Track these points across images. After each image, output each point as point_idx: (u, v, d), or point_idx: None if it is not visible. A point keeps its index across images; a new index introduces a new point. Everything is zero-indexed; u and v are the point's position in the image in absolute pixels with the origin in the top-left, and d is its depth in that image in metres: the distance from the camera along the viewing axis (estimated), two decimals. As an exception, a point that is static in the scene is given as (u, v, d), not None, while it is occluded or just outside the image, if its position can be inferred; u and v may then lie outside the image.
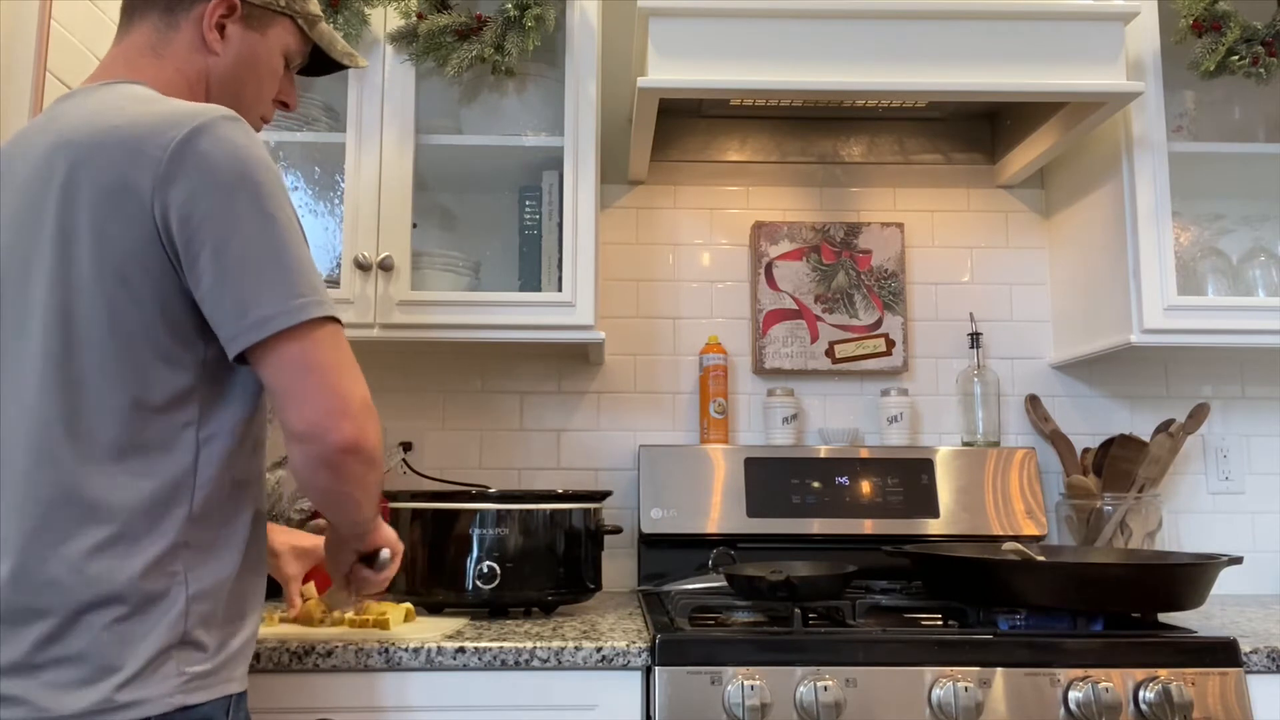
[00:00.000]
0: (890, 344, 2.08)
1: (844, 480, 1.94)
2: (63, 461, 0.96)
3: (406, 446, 2.01)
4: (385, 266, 1.72)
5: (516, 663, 1.32)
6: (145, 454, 0.98)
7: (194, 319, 1.00)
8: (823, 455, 1.96)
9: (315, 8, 1.24)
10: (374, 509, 1.13)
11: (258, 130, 1.19)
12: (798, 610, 1.38)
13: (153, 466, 0.98)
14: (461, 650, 1.31)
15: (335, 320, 1.03)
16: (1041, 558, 1.51)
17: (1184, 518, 2.08)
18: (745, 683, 1.28)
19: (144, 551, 0.96)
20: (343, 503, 1.07)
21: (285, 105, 1.25)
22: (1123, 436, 1.97)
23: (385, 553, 1.20)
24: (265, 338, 0.98)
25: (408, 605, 1.50)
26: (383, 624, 1.42)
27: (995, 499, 1.94)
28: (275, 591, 1.51)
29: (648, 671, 1.33)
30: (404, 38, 1.77)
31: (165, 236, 0.98)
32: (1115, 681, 1.30)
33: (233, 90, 1.17)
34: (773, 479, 1.93)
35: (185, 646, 0.97)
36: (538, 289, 1.87)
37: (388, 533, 1.21)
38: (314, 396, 0.99)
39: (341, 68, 1.33)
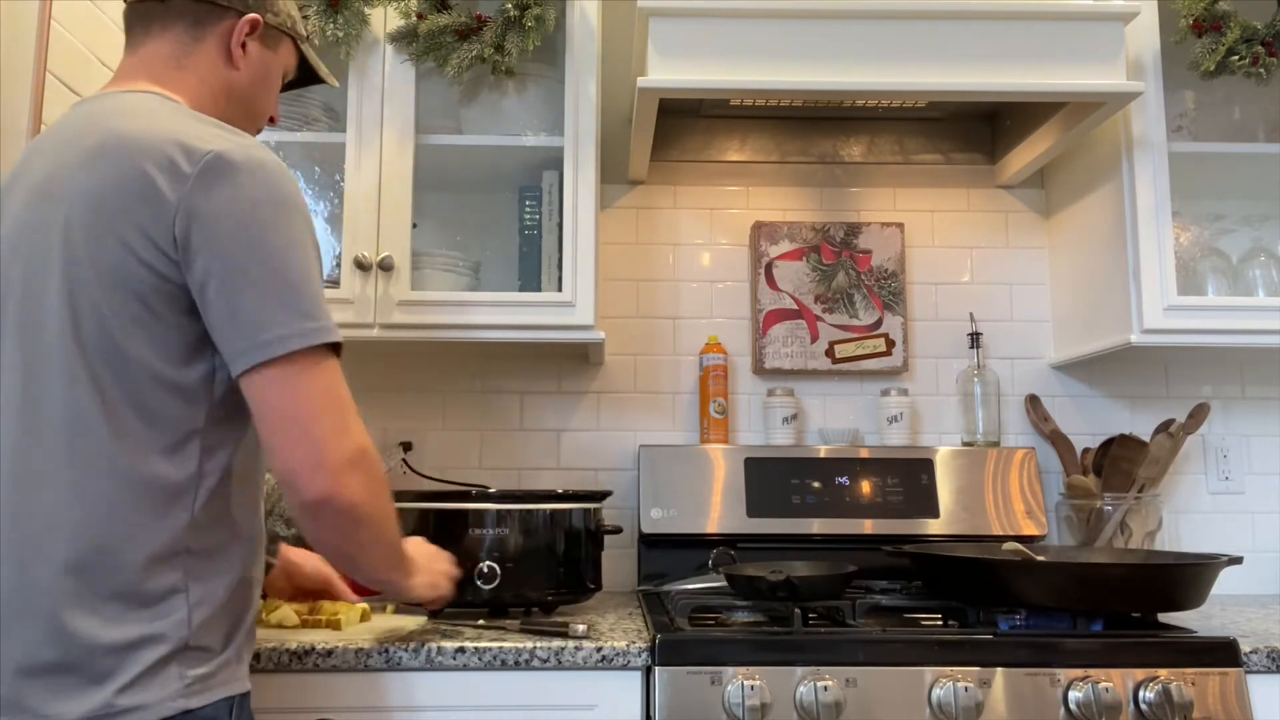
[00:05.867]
0: (890, 344, 2.08)
1: (844, 480, 1.94)
2: (63, 467, 0.96)
3: (406, 446, 2.00)
4: (385, 266, 1.72)
5: (516, 663, 1.32)
6: (148, 461, 0.97)
7: (201, 330, 1.00)
8: (823, 455, 1.96)
9: (304, 29, 1.29)
10: (382, 568, 1.11)
11: None
12: (798, 610, 1.38)
13: (155, 473, 0.98)
14: (461, 650, 1.31)
15: (337, 351, 1.02)
16: (1041, 558, 1.51)
17: (1184, 518, 2.08)
18: (745, 683, 1.28)
19: (146, 557, 0.96)
20: (337, 557, 1.07)
21: (272, 120, 1.29)
22: (1123, 436, 1.97)
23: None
24: (274, 358, 0.97)
25: (364, 605, 1.49)
26: (334, 624, 1.41)
27: (995, 499, 1.94)
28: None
29: (648, 671, 1.33)
30: (404, 38, 1.77)
31: (183, 249, 0.97)
32: (1115, 681, 1.30)
33: (247, 103, 1.21)
34: (773, 479, 1.93)
35: (187, 650, 0.97)
36: (538, 289, 1.87)
37: (417, 591, 1.23)
38: (292, 447, 0.98)
39: (298, 86, 1.37)
